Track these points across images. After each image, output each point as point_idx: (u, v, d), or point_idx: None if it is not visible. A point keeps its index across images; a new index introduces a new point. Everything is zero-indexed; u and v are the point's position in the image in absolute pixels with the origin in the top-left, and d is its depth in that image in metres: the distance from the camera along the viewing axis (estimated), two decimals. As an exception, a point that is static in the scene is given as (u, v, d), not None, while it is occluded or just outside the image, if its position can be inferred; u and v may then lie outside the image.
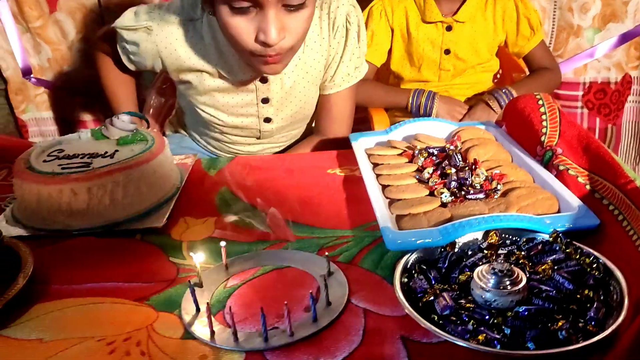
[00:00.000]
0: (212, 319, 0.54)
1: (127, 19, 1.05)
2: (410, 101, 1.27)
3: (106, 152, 0.81)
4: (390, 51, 1.34)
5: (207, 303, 0.54)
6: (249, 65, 0.98)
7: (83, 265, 0.67)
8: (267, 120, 1.12)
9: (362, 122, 1.41)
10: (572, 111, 1.75)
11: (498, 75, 1.49)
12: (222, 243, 0.64)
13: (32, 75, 1.77)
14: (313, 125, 1.21)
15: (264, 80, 1.05)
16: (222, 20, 0.88)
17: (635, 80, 1.72)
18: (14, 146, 0.97)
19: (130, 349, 0.52)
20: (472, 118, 1.23)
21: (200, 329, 0.55)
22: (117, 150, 0.81)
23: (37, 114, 1.84)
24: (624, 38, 1.64)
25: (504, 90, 1.25)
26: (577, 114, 1.76)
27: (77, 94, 1.80)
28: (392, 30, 1.32)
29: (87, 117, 1.83)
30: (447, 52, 1.33)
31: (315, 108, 1.15)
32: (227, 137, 1.17)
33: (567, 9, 1.62)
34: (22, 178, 0.75)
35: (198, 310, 0.57)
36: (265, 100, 1.08)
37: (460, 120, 1.25)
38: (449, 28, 1.31)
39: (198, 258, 0.61)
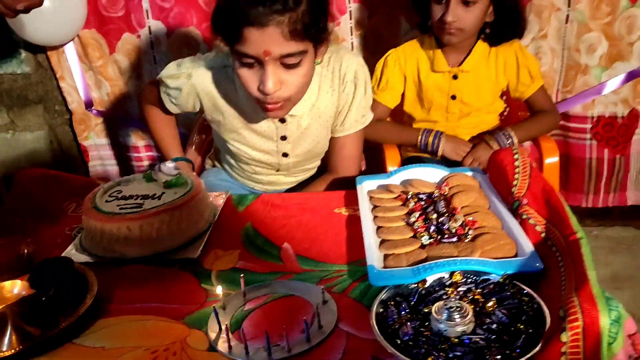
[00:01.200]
0: (230, 336, 0.72)
1: (171, 69, 1.25)
2: (419, 139, 1.42)
3: (155, 194, 0.99)
4: (403, 95, 1.49)
5: (227, 324, 0.72)
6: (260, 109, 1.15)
7: (134, 288, 0.85)
8: (285, 155, 1.29)
9: (376, 156, 1.57)
10: (582, 142, 1.84)
11: (505, 113, 1.61)
12: (242, 275, 0.82)
13: (93, 107, 1.98)
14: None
15: (282, 120, 1.23)
16: (235, 71, 1.07)
17: (643, 114, 1.81)
18: (81, 184, 1.18)
19: (168, 358, 0.70)
20: (474, 156, 1.37)
21: (221, 344, 0.71)
22: (163, 193, 1.00)
23: (97, 140, 2.05)
24: (630, 76, 1.73)
25: (503, 132, 1.38)
26: (587, 146, 1.84)
27: (131, 123, 2.00)
28: (405, 77, 1.46)
29: (139, 143, 2.03)
30: (454, 97, 1.45)
31: (328, 148, 1.32)
32: (251, 169, 1.36)
33: (575, 50, 1.72)
34: (89, 216, 0.95)
35: (220, 329, 0.74)
36: (284, 138, 1.26)
37: (464, 157, 1.39)
38: (455, 77, 1.44)
39: (219, 289, 0.79)
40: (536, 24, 1.69)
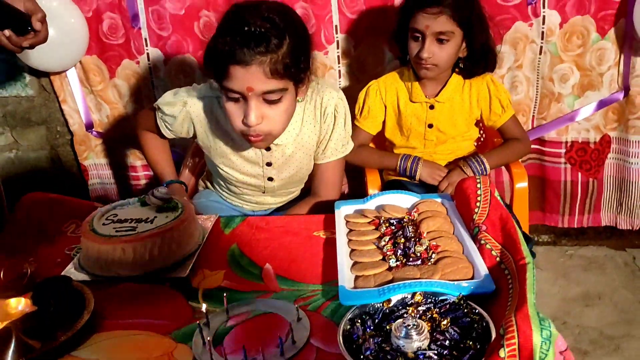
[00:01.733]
0: (213, 350, 0.80)
1: (167, 97, 1.35)
2: (398, 164, 1.51)
3: (148, 218, 1.08)
4: (384, 123, 1.59)
5: (209, 339, 0.81)
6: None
7: (128, 305, 0.93)
8: (270, 179, 1.39)
9: (358, 179, 1.66)
10: (557, 166, 1.94)
11: (482, 139, 1.71)
12: (225, 294, 0.90)
13: (93, 129, 2.07)
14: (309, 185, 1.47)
15: (268, 148, 1.33)
16: (223, 104, 1.18)
17: (614, 140, 1.89)
18: (80, 206, 1.26)
19: (157, 369, 0.79)
20: (449, 180, 1.46)
21: (205, 357, 0.80)
22: (155, 217, 1.08)
23: (96, 160, 2.14)
24: (601, 104, 1.82)
25: (476, 159, 1.47)
26: (561, 169, 1.94)
27: (129, 144, 2.08)
28: (385, 106, 1.56)
29: (136, 163, 2.12)
30: (430, 126, 1.54)
31: (311, 173, 1.42)
32: (239, 190, 1.45)
33: (549, 79, 1.82)
34: (87, 238, 1.03)
35: (204, 343, 0.83)
36: (269, 164, 1.35)
37: (440, 182, 1.48)
38: (431, 107, 1.53)
39: (204, 307, 0.87)
40: (512, 55, 1.79)
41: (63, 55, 1.84)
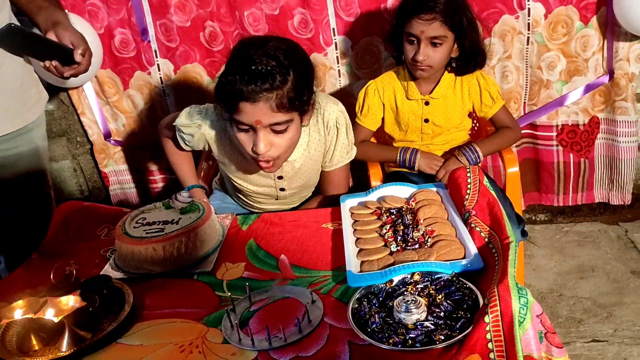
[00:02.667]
0: (240, 331, 0.92)
1: (183, 119, 1.43)
2: (398, 157, 1.62)
3: (173, 220, 1.20)
4: (383, 119, 1.70)
5: (236, 322, 0.93)
6: None
7: (162, 297, 1.06)
8: (282, 189, 1.50)
9: (361, 172, 1.77)
10: (549, 149, 2.04)
11: (476, 127, 1.81)
12: (247, 283, 1.02)
13: (111, 138, 2.19)
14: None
15: (280, 177, 1.45)
16: (234, 132, 1.28)
17: (603, 121, 1.99)
18: (110, 212, 1.39)
19: (193, 350, 0.90)
20: (445, 169, 1.56)
21: (234, 338, 0.92)
22: (180, 218, 1.21)
23: (115, 167, 2.26)
24: (588, 88, 1.92)
25: (470, 147, 1.58)
26: (554, 151, 2.04)
27: (145, 150, 2.20)
28: (384, 104, 1.66)
29: (153, 167, 2.24)
30: (427, 120, 1.65)
31: (320, 179, 1.54)
32: (252, 199, 1.57)
33: (537, 67, 1.91)
34: (121, 240, 1.16)
35: (232, 326, 0.95)
36: (280, 177, 1.47)
37: (437, 171, 1.59)
38: (427, 103, 1.63)
39: (230, 296, 1.00)
40: (501, 47, 1.89)
41: (80, 72, 1.96)
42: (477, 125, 1.80)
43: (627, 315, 1.70)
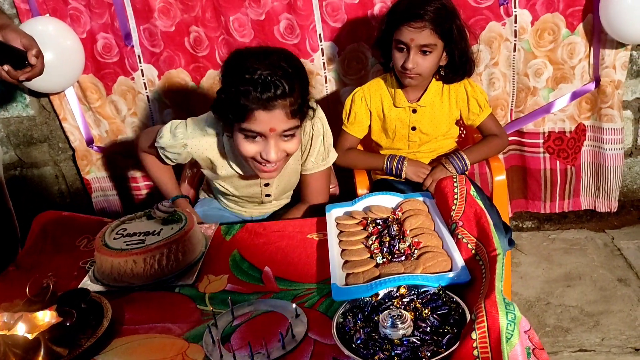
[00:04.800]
0: (222, 347, 0.90)
1: (166, 139, 1.40)
2: (385, 164, 1.61)
3: (155, 231, 1.18)
4: (370, 127, 1.69)
5: (218, 338, 0.91)
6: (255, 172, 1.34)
7: (142, 311, 1.03)
8: (267, 195, 1.51)
9: (348, 180, 1.76)
10: (536, 156, 2.04)
11: (463, 135, 1.80)
12: (229, 297, 1.00)
13: (93, 144, 2.15)
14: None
15: (267, 184, 1.48)
16: (236, 141, 1.27)
17: (589, 128, 1.99)
18: (90, 222, 1.36)
19: (173, 367, 0.89)
20: (433, 177, 1.55)
21: (215, 354, 0.90)
22: (162, 229, 1.18)
23: (98, 174, 2.22)
24: (574, 95, 1.92)
25: (457, 155, 1.57)
26: (541, 158, 2.04)
27: (128, 156, 2.16)
28: (370, 112, 1.65)
29: (137, 174, 2.20)
30: (414, 128, 1.63)
31: (299, 184, 1.54)
32: (237, 203, 1.57)
33: (524, 74, 1.91)
34: (100, 252, 1.13)
35: (213, 342, 0.92)
36: (267, 185, 1.47)
37: (424, 179, 1.57)
38: (414, 111, 1.61)
39: (211, 310, 0.97)
40: (488, 54, 1.88)
41: (61, 76, 1.92)
42: (464, 132, 1.79)
43: (614, 324, 1.69)
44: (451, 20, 1.50)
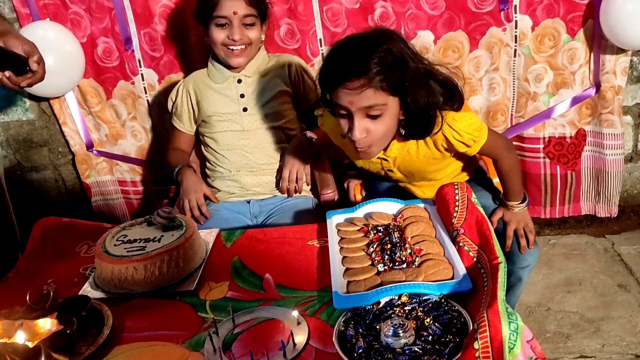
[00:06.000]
0: (223, 356, 0.90)
1: (171, 94, 1.76)
2: None
3: (155, 237, 1.17)
4: None
5: (219, 346, 0.90)
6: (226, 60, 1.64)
7: (142, 318, 1.03)
8: (245, 109, 1.67)
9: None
10: (536, 161, 2.04)
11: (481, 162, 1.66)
12: (230, 305, 1.00)
13: (93, 148, 2.15)
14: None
15: (239, 81, 1.67)
16: (210, 35, 1.61)
17: (589, 133, 1.99)
18: (90, 228, 1.35)
19: (174, 375, 0.89)
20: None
21: (215, 362, 0.90)
22: (162, 236, 1.18)
23: (98, 178, 2.21)
24: (575, 100, 1.92)
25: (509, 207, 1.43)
26: (541, 163, 2.04)
27: (128, 161, 2.16)
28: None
29: (136, 178, 2.20)
30: (390, 170, 1.43)
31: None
32: (220, 138, 1.69)
33: (524, 79, 1.91)
34: (101, 259, 1.12)
35: (214, 350, 0.92)
36: (242, 95, 1.67)
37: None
38: (385, 159, 1.38)
39: (212, 318, 0.97)
40: (488, 59, 1.89)
41: (61, 80, 1.92)
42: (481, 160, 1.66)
43: (615, 330, 1.69)
44: (403, 67, 1.16)
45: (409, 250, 1.07)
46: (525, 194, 1.46)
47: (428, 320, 0.90)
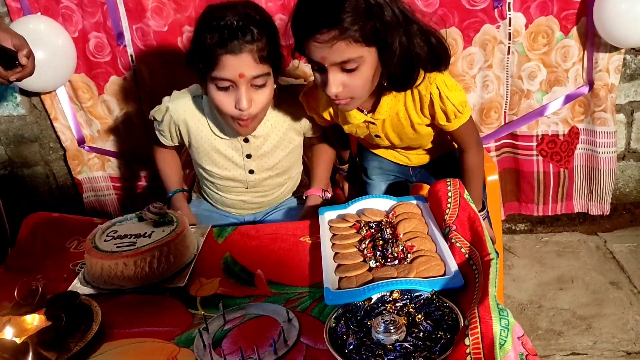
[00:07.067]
0: (212, 352, 0.89)
1: (156, 107, 1.47)
2: None
3: (146, 233, 1.16)
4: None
5: (209, 343, 0.90)
6: (233, 127, 1.36)
7: (132, 315, 1.02)
8: (251, 172, 1.50)
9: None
10: (529, 158, 2.04)
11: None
12: (220, 301, 0.99)
13: (85, 144, 2.13)
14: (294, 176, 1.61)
15: (246, 140, 1.45)
16: (211, 95, 1.29)
17: (582, 131, 1.99)
18: (81, 224, 1.34)
19: (163, 372, 0.88)
20: None
21: (206, 359, 0.88)
22: (153, 231, 1.17)
23: (89, 174, 2.20)
24: (568, 98, 1.92)
25: None
26: (534, 161, 2.04)
27: (120, 156, 2.15)
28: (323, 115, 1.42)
29: (128, 174, 2.19)
30: (378, 136, 1.40)
31: (310, 152, 1.62)
32: (223, 188, 1.54)
33: (517, 77, 1.91)
34: (90, 254, 1.11)
35: (204, 347, 0.91)
36: (249, 156, 1.47)
37: None
38: (372, 123, 1.34)
39: (203, 314, 0.96)
40: (482, 56, 1.88)
41: (53, 75, 1.90)
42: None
43: (606, 327, 1.70)
44: (376, 15, 1.08)
45: (401, 247, 1.07)
46: (485, 203, 1.43)
47: (419, 316, 0.90)
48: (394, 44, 1.12)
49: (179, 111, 1.44)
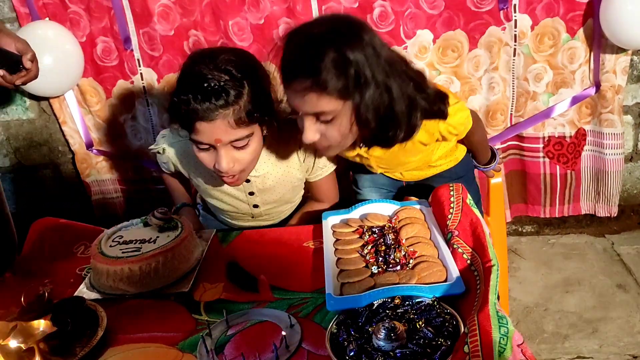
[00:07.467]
0: (215, 358, 0.90)
1: (154, 145, 1.42)
2: None
3: (150, 238, 1.18)
4: None
5: (212, 348, 0.91)
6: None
7: (137, 320, 1.03)
8: (255, 206, 1.46)
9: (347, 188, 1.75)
10: (536, 160, 2.04)
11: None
12: (224, 309, 1.00)
13: (93, 147, 2.16)
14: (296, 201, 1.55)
15: (247, 180, 1.37)
16: (194, 152, 1.22)
17: (589, 133, 1.99)
18: (87, 229, 1.36)
19: (166, 377, 0.89)
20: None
21: (208, 364, 0.90)
22: (158, 237, 1.18)
23: (98, 177, 2.22)
24: (575, 100, 1.92)
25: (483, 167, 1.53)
26: (540, 163, 2.04)
27: (127, 159, 2.18)
28: None
29: (136, 178, 2.21)
30: (369, 165, 1.41)
31: (308, 189, 1.51)
32: (229, 216, 1.53)
33: (523, 79, 1.91)
34: (96, 260, 1.13)
35: (207, 352, 0.92)
36: (251, 193, 1.42)
37: None
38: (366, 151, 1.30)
39: (208, 320, 0.97)
40: (487, 58, 1.88)
41: (61, 80, 1.93)
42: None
43: (613, 331, 1.69)
44: (354, 71, 1.03)
45: (403, 252, 1.07)
46: (493, 150, 1.51)
47: (420, 323, 0.90)
48: (369, 101, 1.07)
49: (175, 154, 1.40)
